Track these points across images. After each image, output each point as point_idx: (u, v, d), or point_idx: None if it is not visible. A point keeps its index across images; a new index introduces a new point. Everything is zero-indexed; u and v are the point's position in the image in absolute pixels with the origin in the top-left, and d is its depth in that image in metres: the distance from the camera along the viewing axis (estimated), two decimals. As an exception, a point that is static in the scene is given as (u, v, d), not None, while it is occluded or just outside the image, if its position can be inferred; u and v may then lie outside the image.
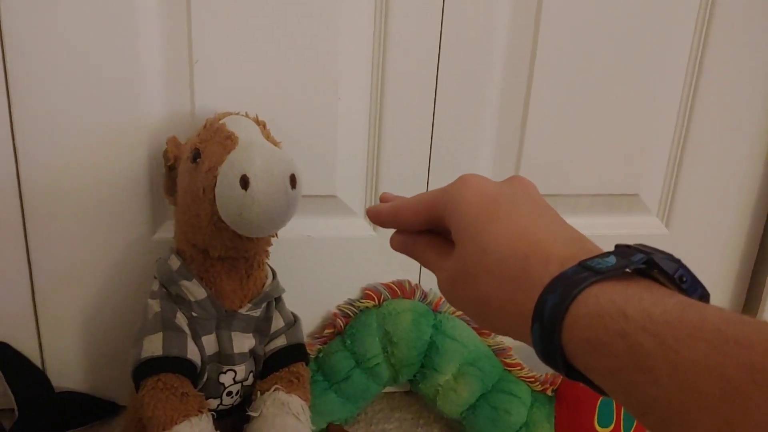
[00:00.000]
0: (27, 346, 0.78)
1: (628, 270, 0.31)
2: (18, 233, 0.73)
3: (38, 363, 0.79)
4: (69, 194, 0.73)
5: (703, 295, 0.31)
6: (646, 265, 0.31)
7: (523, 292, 0.33)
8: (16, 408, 0.76)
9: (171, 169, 0.68)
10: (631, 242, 0.34)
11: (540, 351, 0.32)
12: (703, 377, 0.25)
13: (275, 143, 0.64)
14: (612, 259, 0.31)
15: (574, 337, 0.30)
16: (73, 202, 0.73)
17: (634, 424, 0.80)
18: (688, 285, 0.31)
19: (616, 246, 0.33)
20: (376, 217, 0.44)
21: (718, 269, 0.94)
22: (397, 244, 0.45)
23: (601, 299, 0.29)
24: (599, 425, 0.79)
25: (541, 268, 0.33)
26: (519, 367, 0.82)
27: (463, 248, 0.37)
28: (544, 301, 0.31)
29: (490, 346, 0.83)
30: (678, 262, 0.31)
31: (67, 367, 0.80)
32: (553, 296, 0.31)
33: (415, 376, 0.83)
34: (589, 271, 0.31)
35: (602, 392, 0.30)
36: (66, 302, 0.77)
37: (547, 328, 0.31)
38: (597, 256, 0.32)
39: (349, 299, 0.85)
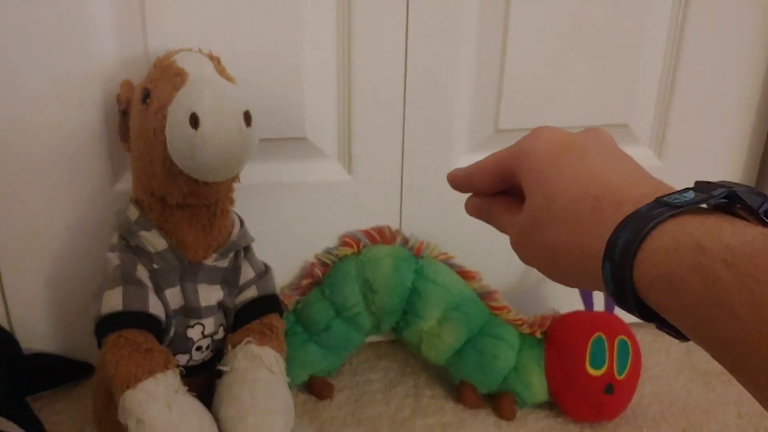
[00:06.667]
0: (-8, 309, 0.75)
1: (707, 205, 0.30)
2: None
3: (5, 324, 0.76)
4: (23, 151, 0.69)
5: None
6: (728, 199, 0.29)
7: (593, 235, 0.32)
8: (-17, 372, 0.73)
9: (124, 114, 0.65)
10: None
11: (611, 290, 0.31)
12: None
13: (230, 79, 0.60)
14: (690, 194, 0.30)
15: (648, 273, 0.29)
16: (28, 159, 0.70)
17: (628, 365, 0.76)
18: None
19: (696, 182, 0.32)
20: (452, 182, 0.43)
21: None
22: (471, 209, 0.44)
23: (677, 233, 0.28)
24: (591, 367, 0.75)
25: (614, 210, 0.32)
26: (506, 310, 0.79)
27: (532, 198, 0.36)
28: (616, 239, 0.30)
29: (475, 289, 0.79)
30: (763, 195, 0.30)
31: (35, 327, 0.77)
32: (626, 232, 0.30)
33: (398, 323, 0.80)
34: (666, 206, 0.29)
35: (678, 333, 0.30)
36: (30, 260, 0.74)
37: (618, 265, 0.30)
38: (674, 192, 0.31)
39: (327, 248, 0.81)
